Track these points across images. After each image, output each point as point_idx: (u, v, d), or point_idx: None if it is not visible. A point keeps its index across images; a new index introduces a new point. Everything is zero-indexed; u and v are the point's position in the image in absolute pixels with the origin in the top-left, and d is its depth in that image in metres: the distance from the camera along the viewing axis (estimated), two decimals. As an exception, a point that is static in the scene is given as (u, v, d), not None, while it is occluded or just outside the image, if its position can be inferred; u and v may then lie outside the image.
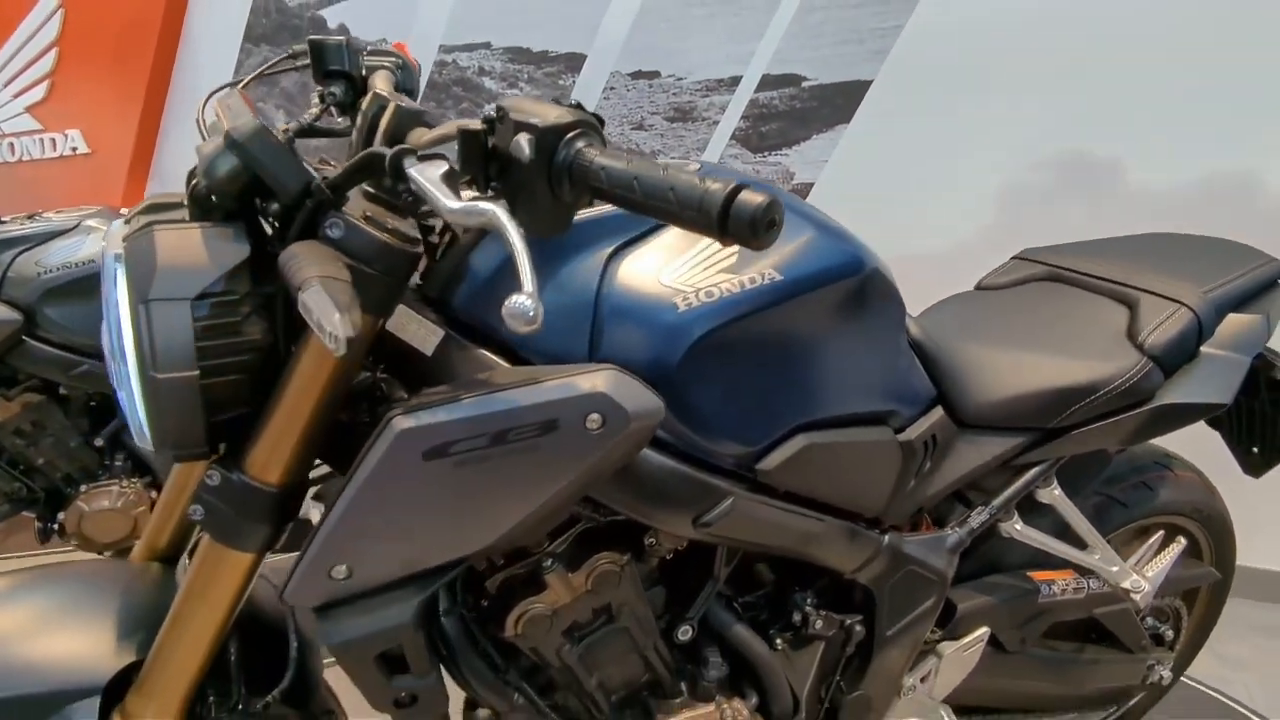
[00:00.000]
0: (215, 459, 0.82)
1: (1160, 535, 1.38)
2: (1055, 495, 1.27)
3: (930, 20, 2.30)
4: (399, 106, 0.81)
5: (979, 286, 1.47)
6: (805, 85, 2.51)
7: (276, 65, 1.05)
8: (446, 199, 0.65)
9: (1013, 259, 1.49)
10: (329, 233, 0.75)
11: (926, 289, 1.40)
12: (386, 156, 0.71)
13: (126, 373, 0.77)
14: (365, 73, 1.02)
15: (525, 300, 0.62)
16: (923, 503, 1.15)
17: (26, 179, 3.34)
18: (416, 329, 0.84)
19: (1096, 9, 2.14)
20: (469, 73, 2.62)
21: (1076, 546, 1.30)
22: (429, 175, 0.67)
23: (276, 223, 0.79)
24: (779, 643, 1.11)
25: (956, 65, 2.28)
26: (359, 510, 0.76)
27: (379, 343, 0.83)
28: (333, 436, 0.85)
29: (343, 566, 0.78)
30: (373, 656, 0.83)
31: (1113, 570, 1.31)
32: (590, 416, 0.77)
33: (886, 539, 1.11)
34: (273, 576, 1.09)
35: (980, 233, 2.35)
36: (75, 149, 3.66)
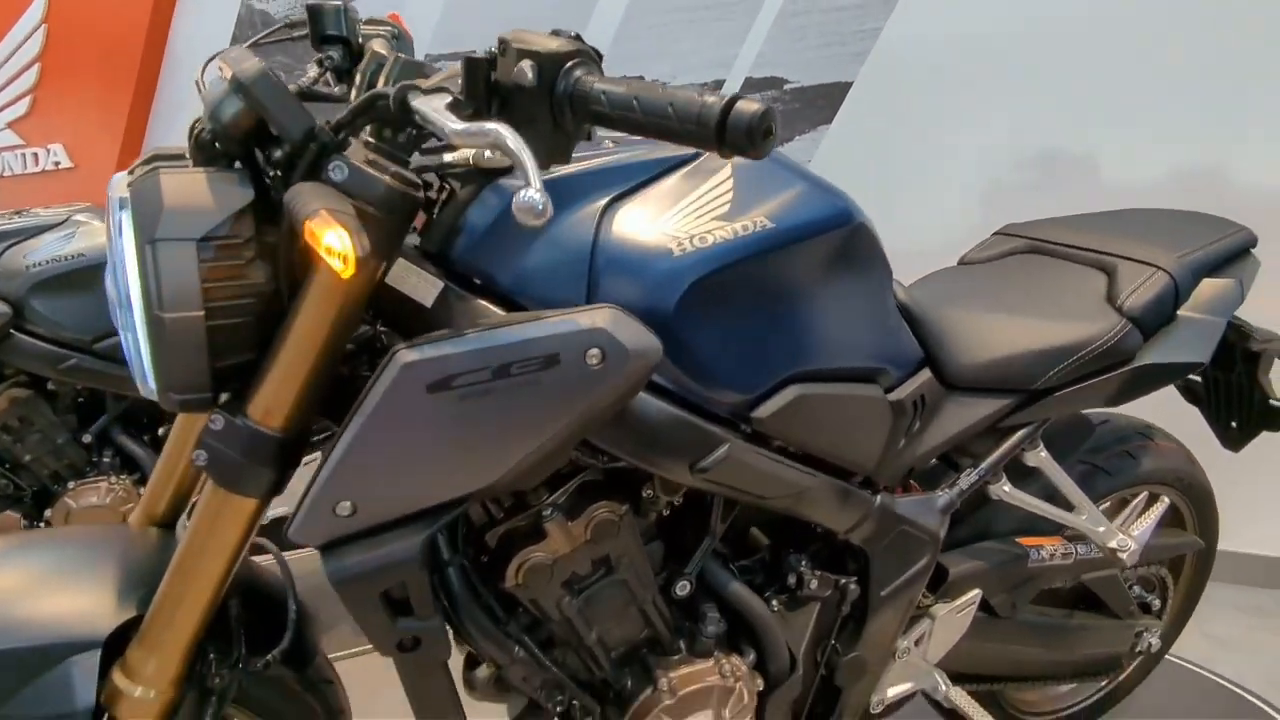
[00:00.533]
0: (219, 406, 0.83)
1: (1144, 496, 1.41)
2: (1042, 458, 1.29)
3: (907, 23, 2.36)
4: (399, 57, 0.83)
5: (962, 261, 1.50)
6: (787, 87, 2.56)
7: (273, 34, 1.07)
8: (451, 122, 0.67)
9: (994, 234, 1.53)
10: (332, 175, 0.76)
11: (907, 281, 1.43)
12: (391, 93, 0.73)
13: (132, 318, 0.78)
14: (362, 40, 1.04)
15: (534, 194, 0.64)
16: (913, 463, 1.17)
17: (8, 194, 3.33)
18: (416, 281, 0.85)
19: (1064, 11, 2.21)
20: (455, 80, 2.65)
21: (1064, 509, 1.33)
22: (433, 105, 0.69)
23: (278, 172, 0.81)
24: (775, 604, 1.12)
25: (933, 66, 2.35)
26: (363, 444, 0.77)
27: (378, 299, 0.84)
28: (334, 391, 0.86)
29: (347, 503, 0.79)
30: (377, 594, 0.83)
31: (1099, 531, 1.33)
32: (590, 351, 0.79)
33: (879, 499, 1.12)
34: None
35: (960, 228, 2.37)
36: (58, 163, 3.66)
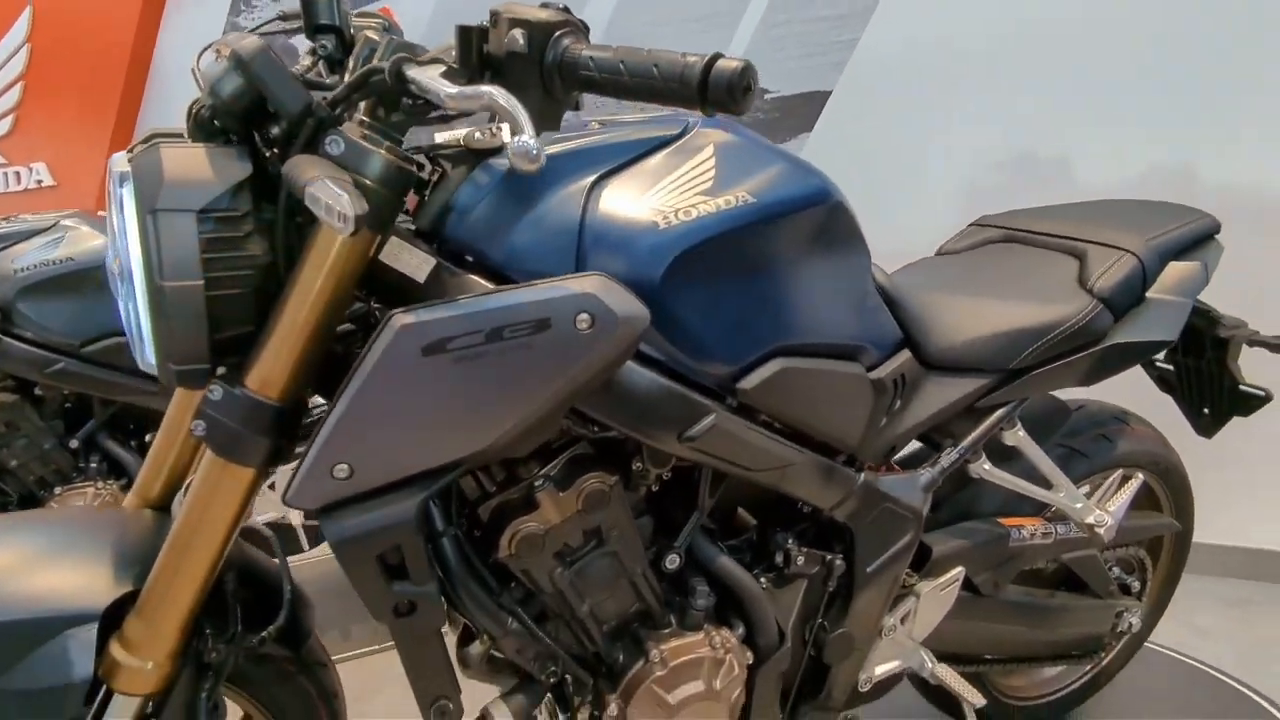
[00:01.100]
0: (217, 378, 0.84)
1: (1119, 474, 1.45)
2: (1020, 437, 1.32)
3: (883, 33, 2.43)
4: (392, 39, 0.86)
5: (939, 252, 1.54)
6: (769, 97, 2.62)
7: (265, 26, 1.10)
8: (446, 88, 0.70)
9: (970, 225, 1.58)
10: (329, 149, 0.79)
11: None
12: (386, 66, 0.76)
13: (133, 289, 0.80)
14: (353, 31, 1.07)
15: (528, 140, 0.66)
16: (895, 441, 1.20)
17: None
18: (409, 258, 0.88)
19: (1029, 16, 2.28)
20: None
21: (1043, 487, 1.36)
22: (428, 73, 0.72)
23: (275, 150, 0.83)
24: (763, 581, 1.14)
25: (909, 74, 2.41)
26: (360, 407, 0.79)
27: (372, 276, 0.87)
28: (328, 368, 0.88)
29: (344, 466, 0.81)
30: (374, 557, 0.84)
31: (1077, 507, 1.36)
32: (580, 316, 0.82)
33: (862, 477, 1.15)
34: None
35: (939, 229, 2.44)
36: (40, 182, 3.67)
